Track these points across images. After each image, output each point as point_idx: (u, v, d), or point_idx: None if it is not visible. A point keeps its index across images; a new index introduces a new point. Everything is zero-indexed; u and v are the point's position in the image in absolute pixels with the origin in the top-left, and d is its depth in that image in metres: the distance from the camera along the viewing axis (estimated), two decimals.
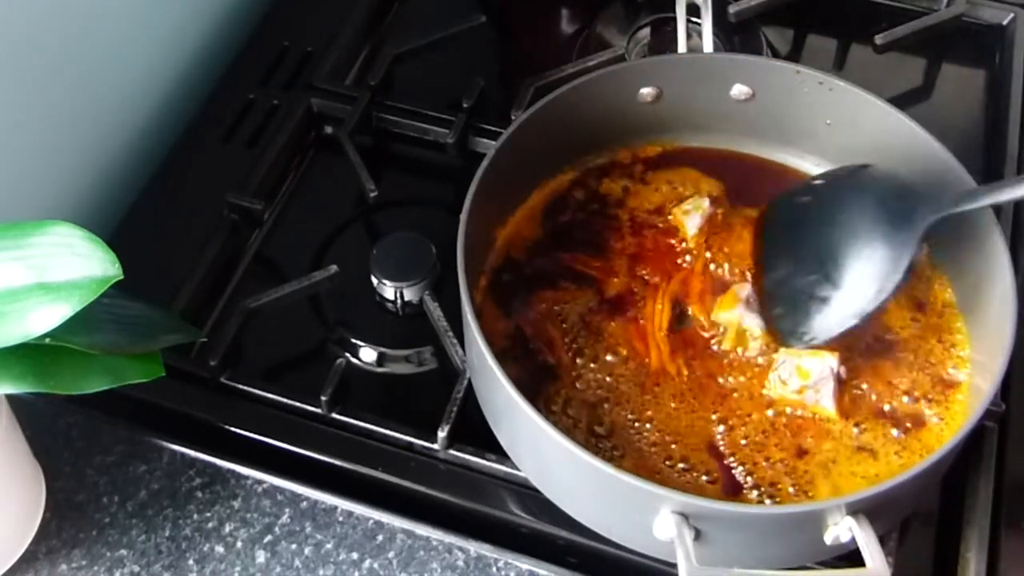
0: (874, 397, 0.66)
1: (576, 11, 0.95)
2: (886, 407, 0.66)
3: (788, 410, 0.65)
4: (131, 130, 0.85)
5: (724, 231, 0.71)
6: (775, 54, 0.91)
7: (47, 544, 0.67)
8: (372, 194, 0.80)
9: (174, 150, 0.85)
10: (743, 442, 0.64)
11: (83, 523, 0.68)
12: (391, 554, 0.67)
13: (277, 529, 0.67)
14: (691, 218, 0.72)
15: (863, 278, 0.64)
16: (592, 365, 0.67)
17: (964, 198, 0.63)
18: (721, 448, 0.64)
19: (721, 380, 0.66)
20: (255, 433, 0.70)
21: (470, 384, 0.69)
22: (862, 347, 0.68)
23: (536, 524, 0.67)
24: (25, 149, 0.75)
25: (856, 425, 0.65)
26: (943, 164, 0.68)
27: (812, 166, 0.76)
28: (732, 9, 0.89)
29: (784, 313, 0.67)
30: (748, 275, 0.69)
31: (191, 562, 0.66)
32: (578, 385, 0.67)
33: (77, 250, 0.54)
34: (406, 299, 0.76)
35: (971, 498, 0.68)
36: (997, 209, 0.67)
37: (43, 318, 0.52)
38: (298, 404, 0.71)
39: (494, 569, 0.66)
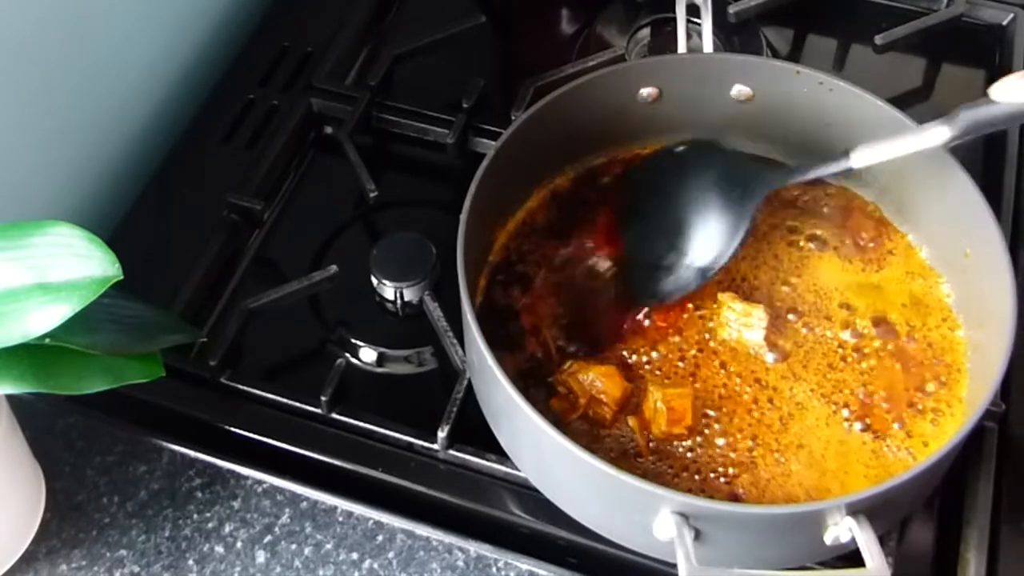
0: (874, 396, 0.66)
1: (576, 11, 0.95)
2: (886, 406, 0.66)
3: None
4: (131, 130, 0.85)
5: None
6: (775, 54, 0.91)
7: (47, 544, 0.67)
8: (372, 194, 0.80)
9: (174, 150, 0.85)
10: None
11: (83, 523, 0.68)
12: (391, 554, 0.67)
13: (277, 529, 0.68)
14: None
15: (705, 246, 0.69)
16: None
17: (793, 173, 0.70)
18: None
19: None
20: (255, 433, 0.70)
21: (470, 384, 0.69)
22: (862, 348, 0.68)
23: (536, 524, 0.67)
24: (25, 149, 0.75)
25: (857, 422, 0.65)
26: (942, 164, 0.68)
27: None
28: (732, 9, 0.89)
29: (639, 278, 0.71)
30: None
31: (191, 562, 0.66)
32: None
33: (77, 250, 0.54)
34: (406, 299, 0.76)
35: (971, 498, 0.68)
36: (996, 209, 0.67)
37: (43, 318, 0.53)
38: (298, 404, 0.71)
39: (494, 569, 0.66)
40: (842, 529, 0.57)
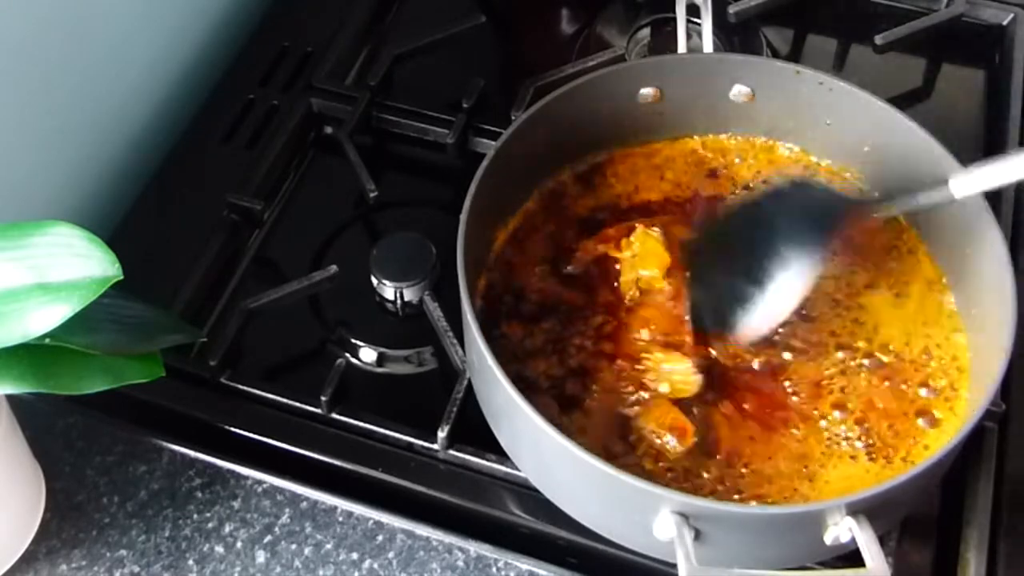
0: (874, 396, 0.66)
1: (576, 11, 0.95)
2: (886, 407, 0.66)
3: None
4: (131, 130, 0.85)
5: None
6: (775, 54, 0.91)
7: (47, 544, 0.67)
8: (372, 194, 0.80)
9: (174, 150, 0.85)
10: None
11: (83, 523, 0.68)
12: (391, 554, 0.67)
13: (277, 529, 0.68)
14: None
15: (782, 286, 0.66)
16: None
17: (884, 204, 0.67)
18: None
19: None
20: (255, 433, 0.70)
21: (470, 384, 0.69)
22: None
23: (536, 524, 0.67)
24: (25, 149, 0.75)
25: (856, 423, 0.65)
26: (943, 165, 0.68)
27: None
28: (732, 9, 0.89)
29: (711, 316, 0.68)
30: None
31: (191, 562, 0.66)
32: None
33: (77, 250, 0.54)
34: (406, 299, 0.76)
35: (971, 498, 0.68)
36: (996, 209, 0.67)
37: (43, 318, 0.53)
38: (298, 404, 0.71)
39: (494, 569, 0.66)
40: (842, 529, 0.57)
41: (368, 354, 0.75)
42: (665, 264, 0.69)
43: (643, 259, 0.69)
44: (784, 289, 0.66)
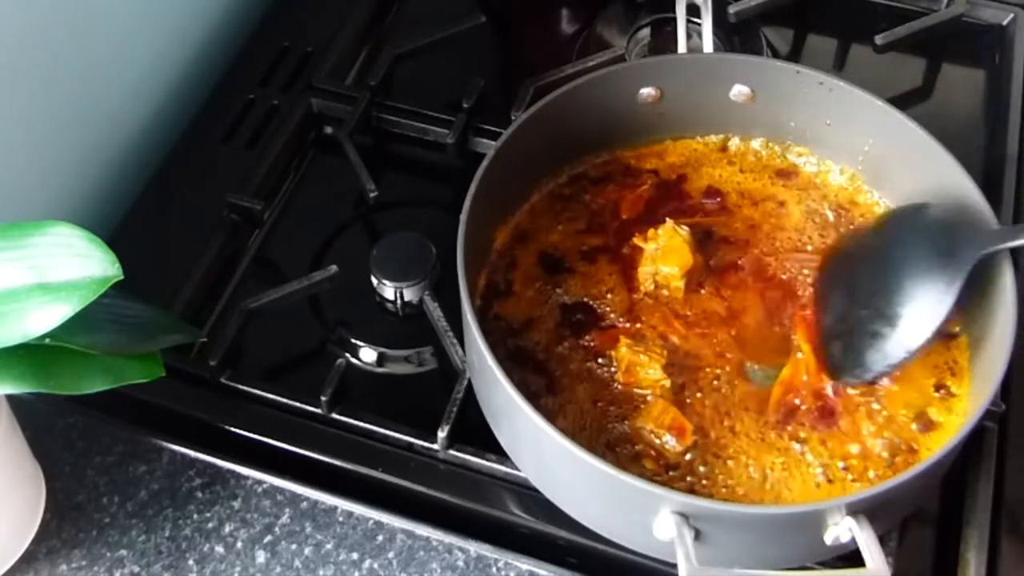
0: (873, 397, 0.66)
1: (576, 11, 0.95)
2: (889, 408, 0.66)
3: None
4: (131, 130, 0.85)
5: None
6: (775, 54, 0.91)
7: (47, 544, 0.67)
8: (372, 194, 0.80)
9: (174, 150, 0.85)
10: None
11: (83, 523, 0.68)
12: (391, 554, 0.67)
13: (277, 529, 0.68)
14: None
15: (914, 314, 0.64)
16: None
17: (1009, 235, 0.64)
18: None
19: None
20: (255, 433, 0.70)
21: (470, 384, 0.69)
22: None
23: (536, 524, 0.67)
24: (25, 149, 0.75)
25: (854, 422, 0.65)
26: (943, 165, 0.68)
27: (812, 167, 0.76)
28: (732, 9, 0.89)
29: (840, 350, 0.66)
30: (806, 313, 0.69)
31: (191, 562, 0.66)
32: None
33: (77, 250, 0.54)
34: (406, 299, 0.76)
35: (971, 498, 0.68)
36: (996, 209, 0.67)
37: (43, 318, 0.53)
38: (298, 404, 0.71)
39: (494, 569, 0.66)
40: (842, 529, 0.57)
41: (368, 354, 0.75)
42: (686, 264, 0.69)
43: (666, 255, 0.69)
44: (913, 326, 0.64)
